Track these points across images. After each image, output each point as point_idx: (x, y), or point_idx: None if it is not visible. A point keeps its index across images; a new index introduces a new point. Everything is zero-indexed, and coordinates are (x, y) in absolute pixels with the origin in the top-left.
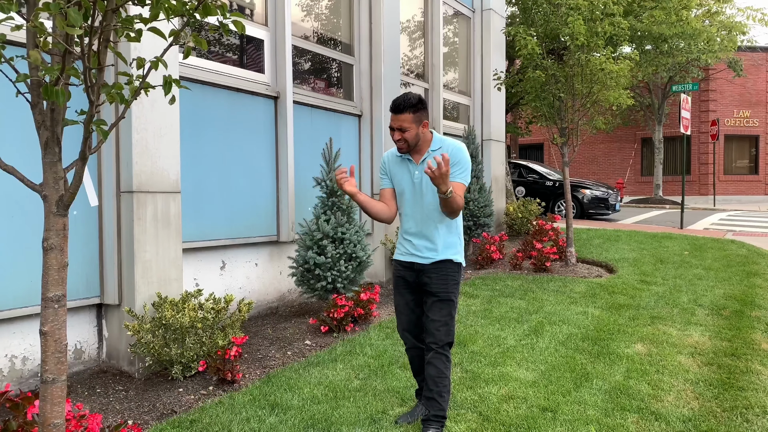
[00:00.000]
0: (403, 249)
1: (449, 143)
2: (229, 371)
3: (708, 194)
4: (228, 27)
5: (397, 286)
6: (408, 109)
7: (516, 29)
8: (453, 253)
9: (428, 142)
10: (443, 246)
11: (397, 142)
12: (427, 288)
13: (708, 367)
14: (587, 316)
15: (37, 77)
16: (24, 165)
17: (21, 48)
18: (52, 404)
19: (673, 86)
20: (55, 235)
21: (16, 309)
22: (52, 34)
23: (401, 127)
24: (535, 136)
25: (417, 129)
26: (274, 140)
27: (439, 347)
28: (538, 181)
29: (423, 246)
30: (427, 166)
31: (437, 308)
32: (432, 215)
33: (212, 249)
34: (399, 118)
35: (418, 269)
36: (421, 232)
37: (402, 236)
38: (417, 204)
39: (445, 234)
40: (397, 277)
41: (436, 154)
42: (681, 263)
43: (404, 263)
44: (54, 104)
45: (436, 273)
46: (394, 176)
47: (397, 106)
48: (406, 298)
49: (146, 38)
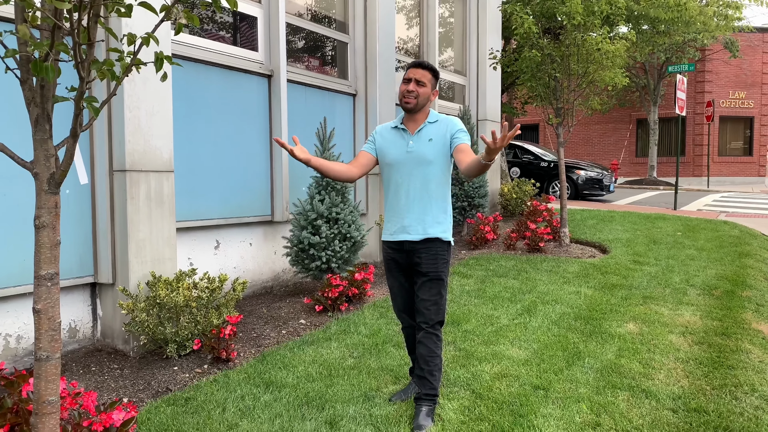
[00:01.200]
0: (392, 227)
1: (446, 117)
2: (223, 350)
3: (702, 175)
4: (220, 3)
5: (389, 269)
6: (430, 69)
7: (512, 8)
8: (442, 231)
9: (426, 114)
10: (433, 222)
11: (408, 94)
12: (417, 268)
13: (698, 346)
14: (580, 296)
15: (26, 53)
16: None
17: (9, 23)
18: (46, 382)
19: (670, 67)
20: (46, 213)
21: (9, 288)
22: (41, 8)
23: (419, 80)
24: (530, 117)
25: (430, 92)
26: (268, 119)
27: (430, 326)
28: (533, 161)
29: (413, 222)
30: (491, 137)
31: (427, 288)
32: (423, 189)
33: (206, 228)
34: (419, 72)
35: (408, 249)
36: (410, 207)
37: (389, 214)
38: (408, 176)
39: (436, 210)
40: (389, 260)
41: (434, 126)
42: (674, 244)
43: (393, 244)
44: (44, 80)
45: (426, 252)
46: (384, 148)
47: (420, 62)
48: (399, 280)
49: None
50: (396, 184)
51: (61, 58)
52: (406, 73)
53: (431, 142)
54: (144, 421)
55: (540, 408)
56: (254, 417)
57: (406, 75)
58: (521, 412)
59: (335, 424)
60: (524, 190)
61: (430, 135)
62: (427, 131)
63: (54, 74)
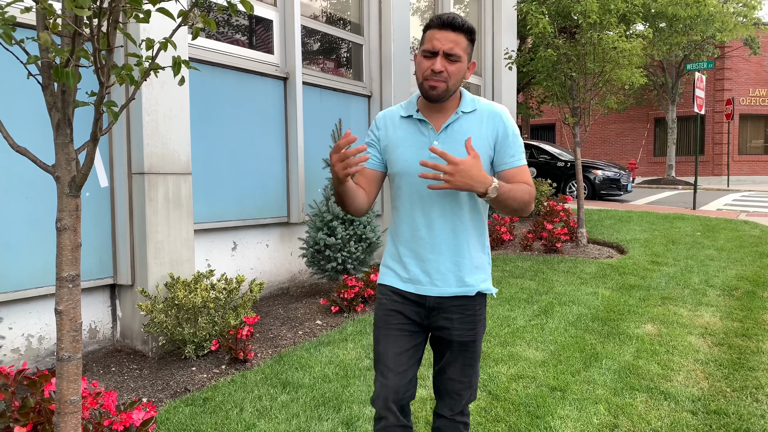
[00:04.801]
0: (404, 269)
1: (489, 105)
2: (241, 350)
3: (722, 174)
4: (236, 7)
5: (387, 325)
6: (465, 31)
7: (528, 7)
8: (484, 280)
9: (457, 99)
10: (471, 267)
11: (435, 76)
12: (443, 334)
13: (718, 348)
14: (597, 297)
15: (48, 59)
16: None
17: (31, 30)
18: (68, 381)
19: (688, 65)
20: (68, 216)
21: (31, 289)
22: (62, 15)
23: (452, 52)
24: (546, 117)
25: (465, 68)
26: (284, 121)
27: (457, 413)
28: (550, 161)
29: (441, 267)
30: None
31: (460, 364)
32: (456, 216)
33: (223, 230)
34: (451, 37)
35: (432, 306)
36: (436, 243)
37: (399, 249)
38: (430, 196)
39: (474, 248)
40: (389, 312)
41: (471, 119)
42: (693, 244)
43: (405, 294)
44: (65, 86)
45: (461, 313)
46: (393, 149)
47: (451, 20)
48: (403, 346)
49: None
50: (411, 204)
51: (81, 63)
52: (425, 40)
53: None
54: (163, 421)
55: (557, 409)
56: (271, 417)
57: (428, 44)
58: (538, 414)
59: (352, 424)
60: (541, 190)
61: (467, 131)
62: (460, 126)
63: (75, 79)
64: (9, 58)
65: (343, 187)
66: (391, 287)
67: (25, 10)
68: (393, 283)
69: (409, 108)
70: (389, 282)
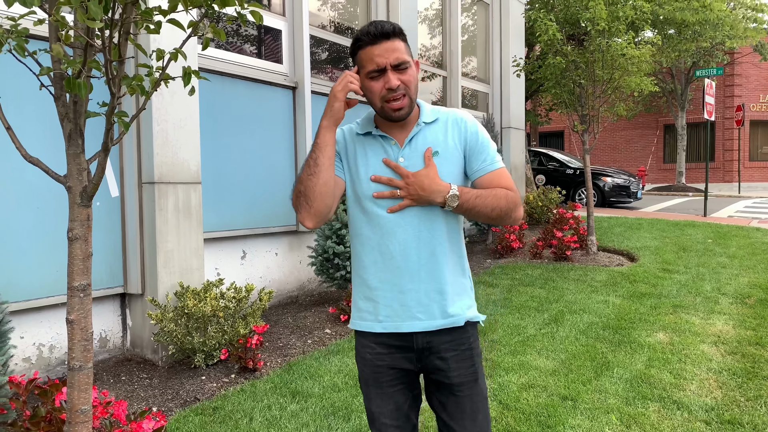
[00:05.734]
0: (379, 308)
1: (450, 112)
2: (250, 359)
3: (733, 181)
4: (246, 17)
5: (378, 383)
6: (398, 35)
7: (536, 14)
8: (469, 306)
9: (415, 111)
10: (454, 293)
11: (393, 93)
12: (440, 378)
13: (732, 356)
14: (608, 305)
15: (60, 70)
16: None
17: (44, 41)
18: (79, 391)
19: (697, 71)
20: (79, 226)
21: (43, 298)
22: (74, 27)
23: (398, 61)
24: (555, 124)
25: (416, 72)
26: (293, 130)
27: None
28: (559, 169)
29: (423, 298)
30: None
31: (468, 410)
32: (431, 237)
33: (233, 239)
34: (390, 47)
35: (421, 347)
36: (413, 270)
37: (371, 283)
38: (405, 216)
39: (455, 271)
40: (377, 368)
41: (435, 129)
42: (704, 251)
43: (387, 339)
44: (76, 97)
45: (455, 350)
46: (354, 168)
47: (381, 30)
48: (400, 400)
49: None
50: (381, 229)
51: (93, 74)
52: (363, 61)
53: (437, 156)
54: (173, 431)
55: (568, 419)
56: (281, 427)
57: (371, 64)
58: (549, 423)
59: None
60: (550, 197)
61: (431, 142)
62: (424, 137)
63: (86, 90)
64: (20, 70)
65: (328, 135)
66: (370, 334)
67: (38, 22)
68: (370, 327)
69: (365, 125)
70: (366, 327)
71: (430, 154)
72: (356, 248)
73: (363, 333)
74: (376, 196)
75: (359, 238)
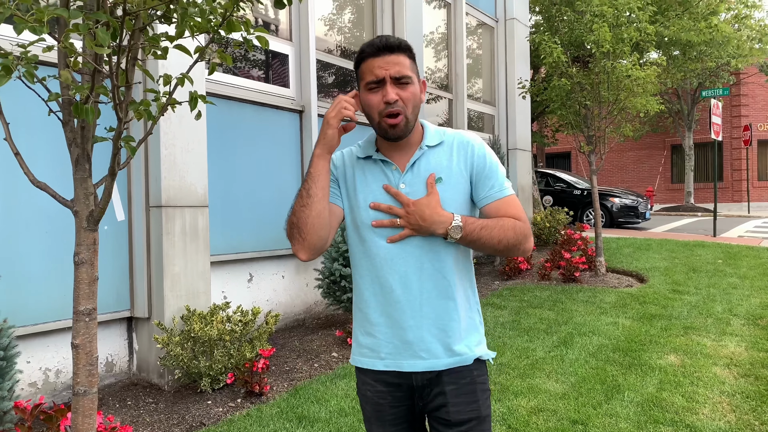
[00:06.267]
0: (380, 345)
1: (456, 135)
2: (256, 384)
3: (742, 201)
4: (252, 43)
5: (380, 421)
6: (405, 50)
7: (540, 37)
8: (479, 342)
9: (419, 133)
10: (461, 329)
11: (390, 107)
12: (441, 415)
13: (744, 379)
14: (618, 327)
15: (68, 96)
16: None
17: (52, 68)
18: (83, 416)
19: (703, 92)
20: (85, 250)
21: (50, 322)
22: (82, 54)
23: (400, 75)
24: (561, 145)
25: (419, 90)
26: (300, 153)
27: None
28: (566, 190)
29: (426, 335)
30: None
31: None
32: (441, 266)
33: (239, 262)
34: (393, 61)
35: (420, 385)
36: (416, 305)
37: (371, 318)
38: (407, 246)
39: (463, 306)
40: (378, 405)
41: (439, 153)
42: (714, 272)
43: (387, 376)
44: (84, 122)
45: (455, 383)
46: (353, 194)
47: (386, 43)
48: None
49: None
50: (381, 259)
51: (100, 100)
52: (363, 74)
53: (441, 183)
54: None
55: None
56: None
57: (370, 75)
58: None
59: None
60: (558, 218)
61: (435, 167)
62: (428, 162)
63: (94, 116)
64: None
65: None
66: (370, 372)
67: (47, 48)
68: (372, 365)
69: (367, 148)
70: (367, 365)
71: (432, 180)
72: (356, 280)
73: (363, 370)
74: (375, 225)
75: (358, 269)
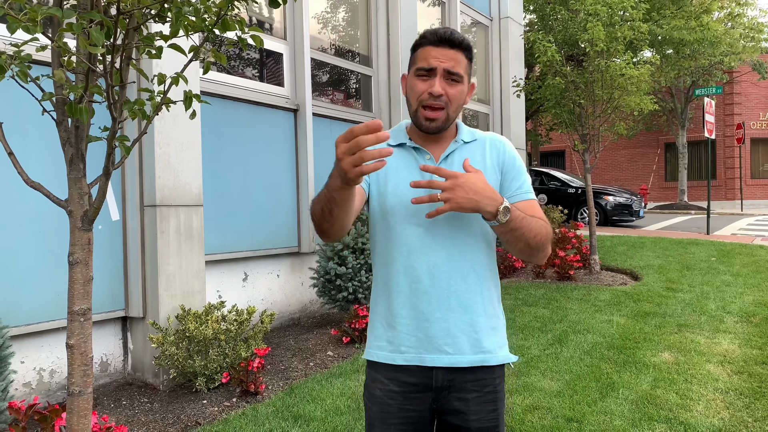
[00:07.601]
0: (399, 337)
1: (490, 136)
2: (252, 383)
3: (735, 199)
4: (246, 41)
5: (385, 424)
6: (465, 49)
7: (535, 36)
8: (502, 345)
9: (453, 128)
10: (488, 328)
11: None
12: (459, 421)
13: (738, 376)
14: (612, 325)
15: (62, 95)
16: (49, 181)
17: (46, 67)
18: (78, 416)
19: (696, 90)
20: (80, 250)
21: (43, 322)
22: (76, 53)
23: (453, 70)
24: (555, 144)
25: (466, 90)
26: (294, 152)
27: None
28: (560, 188)
29: (453, 329)
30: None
31: None
32: (471, 256)
33: (234, 261)
34: (450, 55)
35: (441, 385)
36: (442, 297)
37: (393, 309)
38: (437, 234)
39: (492, 300)
40: (387, 406)
41: (472, 149)
42: (708, 270)
43: (405, 371)
44: (78, 121)
45: (478, 391)
46: (384, 181)
47: (450, 36)
48: None
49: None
50: (408, 248)
51: (94, 99)
52: (418, 58)
53: None
54: None
55: None
56: None
57: (423, 61)
58: None
59: None
60: (552, 217)
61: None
62: (462, 156)
63: (88, 115)
64: (23, 95)
65: (343, 193)
66: (385, 368)
67: (41, 48)
68: (390, 359)
69: (398, 136)
70: (383, 359)
71: (469, 163)
72: (378, 269)
73: (377, 365)
74: (414, 202)
75: (382, 258)
